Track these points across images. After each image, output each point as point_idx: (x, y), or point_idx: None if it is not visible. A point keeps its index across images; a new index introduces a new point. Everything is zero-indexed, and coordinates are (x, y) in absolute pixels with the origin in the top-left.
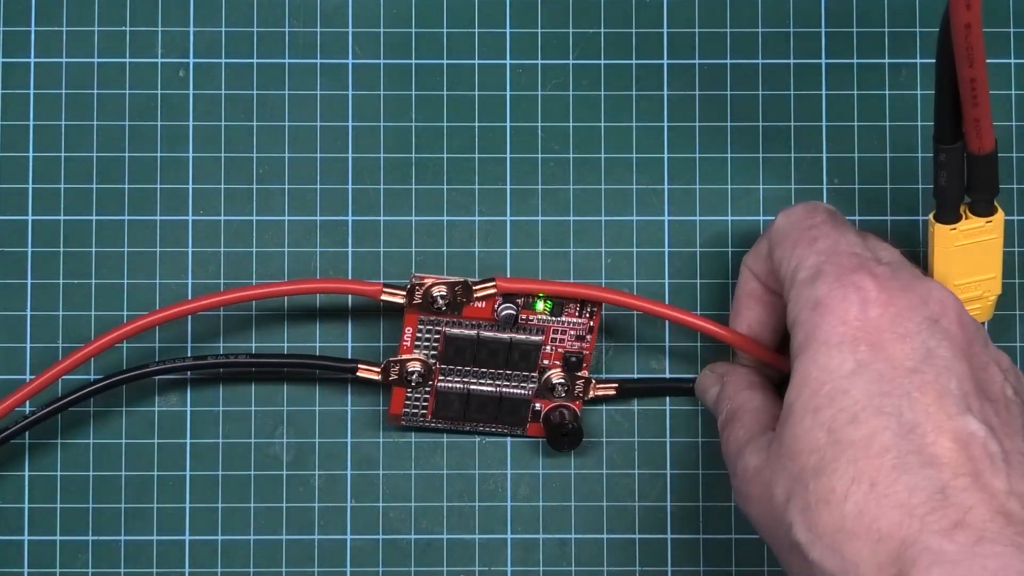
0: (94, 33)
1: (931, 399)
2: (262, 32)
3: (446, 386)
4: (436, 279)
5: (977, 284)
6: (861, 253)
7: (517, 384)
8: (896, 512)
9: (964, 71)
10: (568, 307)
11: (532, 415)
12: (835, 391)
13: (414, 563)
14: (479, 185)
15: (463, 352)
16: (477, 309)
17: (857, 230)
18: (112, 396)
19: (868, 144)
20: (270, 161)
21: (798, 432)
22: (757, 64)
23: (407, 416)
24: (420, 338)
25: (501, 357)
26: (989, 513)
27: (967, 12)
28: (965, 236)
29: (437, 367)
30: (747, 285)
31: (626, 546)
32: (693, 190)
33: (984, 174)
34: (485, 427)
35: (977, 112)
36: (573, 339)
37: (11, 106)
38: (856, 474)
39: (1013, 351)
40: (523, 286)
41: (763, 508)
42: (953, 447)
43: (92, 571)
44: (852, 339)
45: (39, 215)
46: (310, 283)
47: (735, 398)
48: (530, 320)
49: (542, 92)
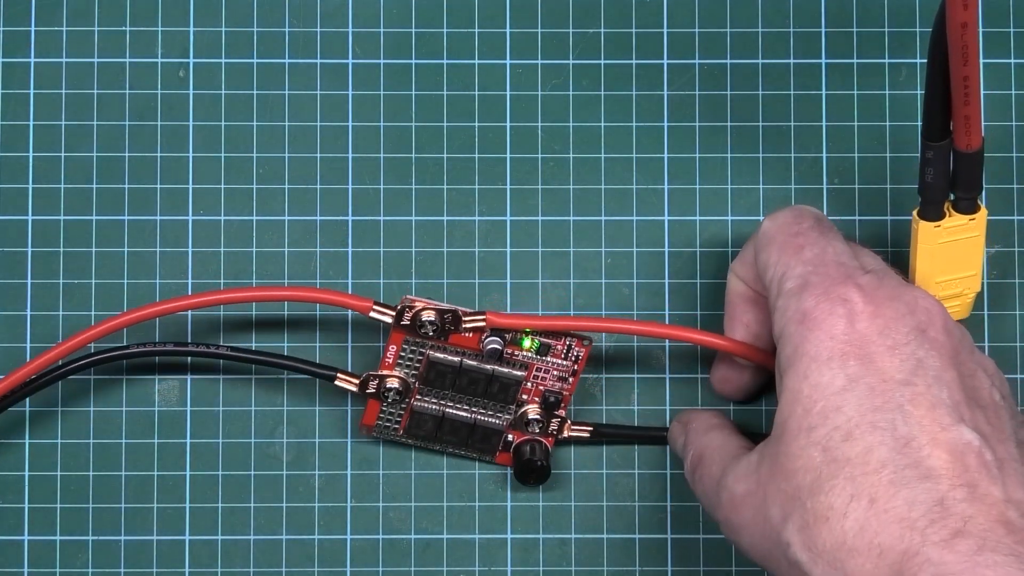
0: (94, 33)
1: (924, 411)
2: (262, 32)
3: (422, 406)
4: (427, 304)
5: (958, 282)
6: (847, 262)
7: (493, 414)
8: (896, 526)
9: (958, 69)
10: (555, 348)
11: (503, 445)
12: (828, 409)
13: (414, 563)
14: (479, 185)
15: (444, 377)
16: (464, 338)
17: (843, 237)
18: (112, 395)
19: (868, 144)
20: (270, 161)
21: (793, 451)
22: (757, 64)
23: (379, 428)
24: (403, 356)
25: (481, 387)
26: (988, 522)
27: (964, 11)
28: (948, 233)
29: (416, 387)
30: (736, 288)
31: (626, 546)
32: (693, 190)
33: (970, 172)
34: (455, 450)
35: (968, 110)
36: (555, 379)
37: (11, 106)
38: (855, 491)
39: (1012, 351)
40: (513, 322)
41: (757, 531)
42: (949, 458)
43: (92, 571)
44: (841, 354)
45: (39, 215)
46: (303, 291)
47: (697, 443)
48: (515, 356)
49: (542, 92)
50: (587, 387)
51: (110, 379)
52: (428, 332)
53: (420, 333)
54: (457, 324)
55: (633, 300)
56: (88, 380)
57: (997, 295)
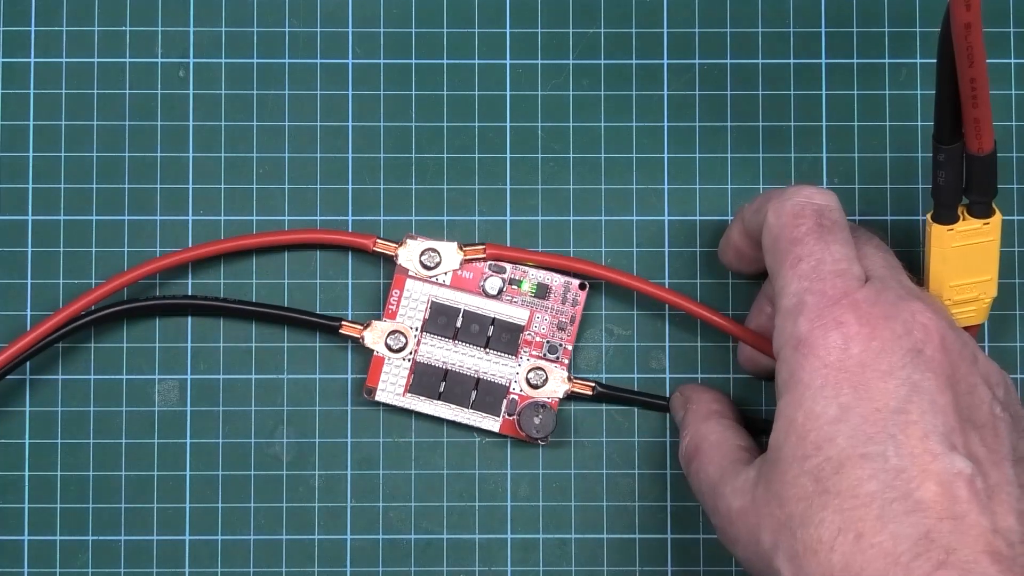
0: (94, 33)
1: (916, 440)
2: (262, 32)
3: (426, 360)
4: (427, 239)
5: (973, 286)
6: (846, 270)
7: (497, 368)
8: (881, 562)
9: (964, 71)
10: (553, 293)
11: (508, 406)
12: (820, 439)
13: (414, 563)
14: (479, 185)
15: (447, 324)
16: (465, 280)
17: (846, 233)
18: (112, 395)
19: (868, 144)
20: (270, 161)
21: (786, 479)
22: (757, 64)
23: (383, 389)
24: (405, 307)
25: (483, 335)
26: (973, 554)
27: (967, 12)
28: (962, 237)
29: (420, 338)
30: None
31: (626, 546)
32: (693, 190)
33: (982, 175)
34: (458, 411)
35: (977, 112)
36: (555, 328)
37: (11, 106)
38: (843, 524)
39: (1013, 351)
40: (512, 254)
41: (750, 551)
42: (938, 490)
43: (92, 571)
44: (835, 382)
45: (39, 215)
46: (305, 233)
47: (695, 430)
48: (514, 300)
49: (542, 92)
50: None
51: (110, 379)
52: (429, 264)
53: (423, 264)
54: (458, 255)
55: (633, 300)
56: (88, 380)
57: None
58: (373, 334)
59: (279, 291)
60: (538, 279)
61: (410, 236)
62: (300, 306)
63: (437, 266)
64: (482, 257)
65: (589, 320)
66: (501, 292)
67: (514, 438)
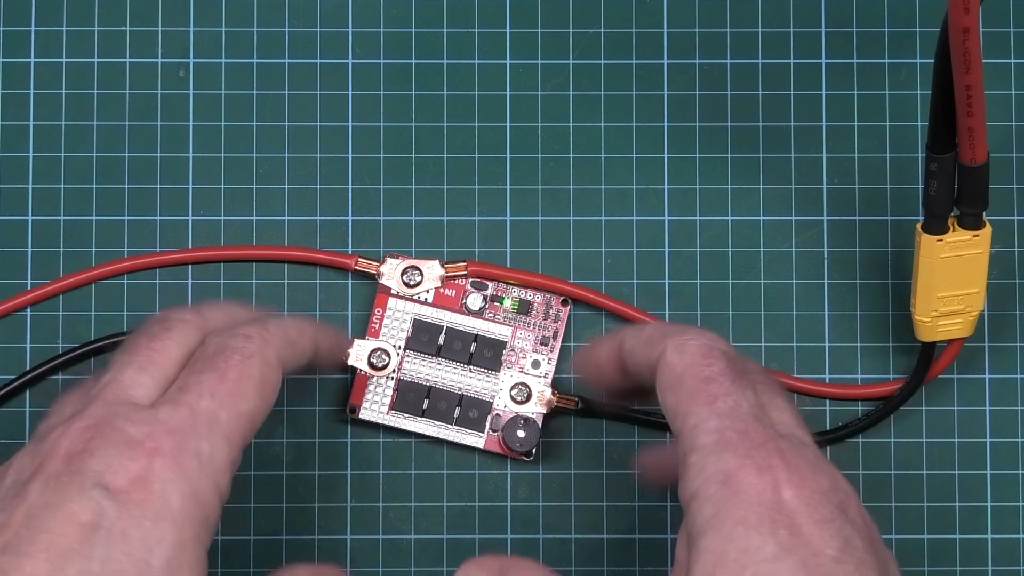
0: (94, 33)
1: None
2: (262, 32)
3: (409, 376)
4: (407, 258)
5: (960, 298)
6: (763, 417)
7: (480, 384)
8: None
9: (960, 77)
10: (535, 309)
11: (492, 422)
12: (759, 575)
13: (414, 563)
14: (479, 185)
15: (430, 341)
16: (447, 298)
17: (750, 380)
18: None
19: (868, 144)
20: (270, 161)
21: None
22: (757, 64)
23: (367, 406)
24: (388, 325)
25: (466, 351)
26: None
27: (965, 16)
28: (951, 248)
29: (403, 355)
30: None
31: (626, 546)
32: (693, 190)
33: (974, 187)
34: (442, 428)
35: (971, 122)
36: (539, 343)
37: (11, 106)
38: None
39: (1013, 351)
40: (492, 272)
41: None
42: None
43: None
44: (771, 520)
45: (39, 215)
46: (278, 250)
47: None
48: (496, 317)
49: (542, 92)
50: None
51: None
52: (410, 283)
53: (404, 282)
54: (439, 272)
55: (633, 300)
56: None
57: (997, 295)
58: (356, 352)
59: (279, 292)
60: (520, 295)
61: (391, 255)
62: (301, 309)
63: (419, 284)
64: (463, 275)
65: (572, 335)
66: (483, 309)
67: (499, 454)
